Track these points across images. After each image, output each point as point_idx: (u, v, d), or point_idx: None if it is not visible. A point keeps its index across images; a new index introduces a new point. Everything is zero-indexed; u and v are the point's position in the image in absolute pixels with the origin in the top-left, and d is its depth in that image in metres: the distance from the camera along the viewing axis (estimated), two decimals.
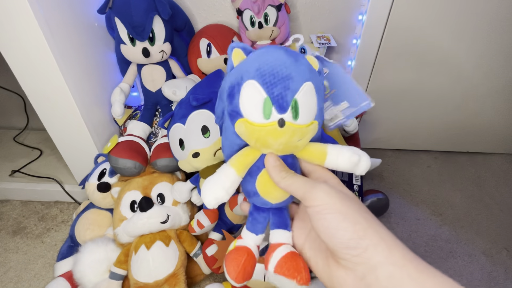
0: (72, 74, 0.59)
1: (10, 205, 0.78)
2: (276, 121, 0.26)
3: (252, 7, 0.67)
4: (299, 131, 0.27)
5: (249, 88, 0.26)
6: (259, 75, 0.26)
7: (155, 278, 0.52)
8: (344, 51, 0.82)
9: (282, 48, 0.28)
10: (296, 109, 0.26)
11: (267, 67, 0.26)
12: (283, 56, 0.27)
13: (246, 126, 0.27)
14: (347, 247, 0.22)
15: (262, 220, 0.32)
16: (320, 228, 0.24)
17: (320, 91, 0.28)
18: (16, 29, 0.51)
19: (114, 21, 0.61)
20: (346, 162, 0.28)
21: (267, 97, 0.26)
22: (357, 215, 0.23)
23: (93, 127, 0.66)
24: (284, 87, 0.26)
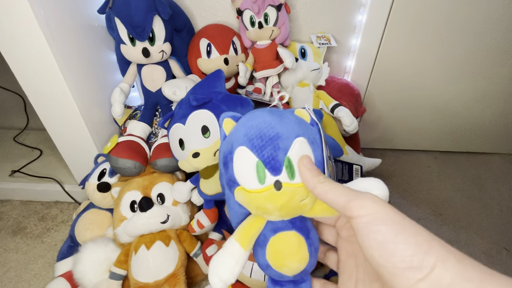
0: (72, 74, 0.59)
1: (10, 205, 0.78)
2: (272, 185, 0.25)
3: (252, 7, 0.67)
4: (299, 190, 0.25)
5: (240, 154, 0.26)
6: (247, 140, 0.26)
7: (155, 278, 0.52)
8: (344, 51, 0.82)
9: (266, 110, 0.27)
10: (291, 168, 0.25)
11: (254, 131, 0.26)
12: (267, 117, 0.26)
13: (244, 194, 0.26)
14: (410, 267, 0.17)
15: None
16: (373, 244, 0.19)
17: (316, 143, 0.27)
18: (16, 29, 0.51)
19: (114, 21, 0.61)
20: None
21: (258, 161, 0.25)
22: (416, 226, 0.19)
23: (93, 127, 0.66)
24: (274, 148, 0.25)
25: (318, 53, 0.78)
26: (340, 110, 0.69)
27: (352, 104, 0.77)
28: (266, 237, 0.28)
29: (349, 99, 0.76)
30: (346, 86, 0.79)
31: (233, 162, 0.27)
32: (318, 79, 0.78)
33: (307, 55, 0.76)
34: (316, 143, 0.27)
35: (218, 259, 0.27)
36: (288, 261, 0.27)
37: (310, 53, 0.76)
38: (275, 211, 0.26)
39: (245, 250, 0.27)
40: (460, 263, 0.17)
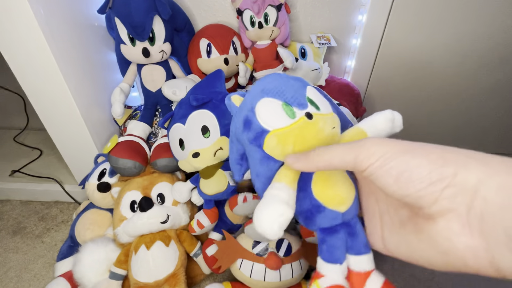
0: (72, 74, 0.59)
1: (10, 205, 0.78)
2: (304, 115, 0.26)
3: (252, 7, 0.67)
4: (328, 119, 0.27)
5: (264, 104, 0.27)
6: (266, 92, 0.28)
7: (155, 278, 0.52)
8: (344, 51, 0.82)
9: (272, 73, 0.30)
10: (314, 103, 0.27)
11: (270, 85, 0.28)
12: (277, 76, 0.29)
13: (277, 135, 0.25)
14: (431, 183, 0.17)
15: (339, 243, 0.25)
16: (389, 181, 0.18)
17: (324, 94, 0.30)
18: (16, 29, 0.51)
19: (114, 21, 0.61)
20: (384, 123, 0.27)
21: (283, 103, 0.27)
22: (426, 146, 0.18)
23: (93, 127, 0.66)
24: (294, 91, 0.27)
25: (318, 53, 0.78)
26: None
27: (352, 104, 0.77)
28: (307, 178, 0.25)
29: (349, 99, 0.76)
30: (346, 86, 0.79)
31: (257, 115, 0.27)
32: (318, 79, 0.78)
33: (307, 55, 0.76)
34: (324, 93, 0.30)
35: (266, 199, 0.23)
36: (339, 189, 0.25)
37: (310, 53, 0.76)
38: (313, 140, 0.25)
39: (294, 190, 0.24)
40: (482, 162, 0.16)
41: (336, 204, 0.24)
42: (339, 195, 0.25)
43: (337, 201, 0.25)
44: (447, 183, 0.16)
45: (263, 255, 0.53)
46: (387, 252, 0.23)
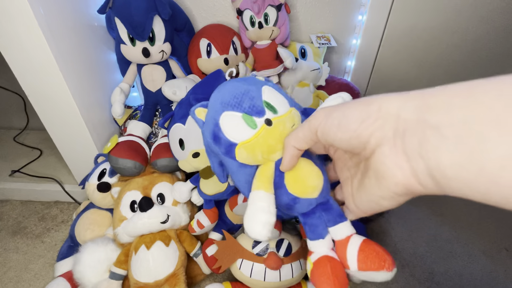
0: (72, 74, 0.59)
1: (10, 205, 0.78)
2: (264, 124, 0.28)
3: (252, 7, 0.67)
4: (287, 118, 0.29)
5: (226, 119, 0.29)
6: (225, 105, 0.29)
7: (155, 278, 0.52)
8: (344, 51, 0.82)
9: (226, 82, 0.31)
10: (271, 106, 0.29)
11: (226, 96, 0.29)
12: (232, 83, 0.30)
13: (245, 147, 0.29)
14: (362, 121, 0.20)
15: (318, 222, 0.30)
16: (334, 130, 0.22)
17: (279, 89, 0.32)
18: (16, 29, 0.51)
19: (114, 21, 0.61)
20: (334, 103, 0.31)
21: (242, 114, 0.28)
22: (359, 100, 0.21)
23: (93, 127, 0.66)
24: (249, 99, 0.29)
25: (318, 53, 0.78)
26: None
27: None
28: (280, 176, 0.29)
29: None
30: (346, 86, 0.79)
31: (222, 130, 0.29)
32: (318, 79, 0.78)
33: (307, 55, 0.76)
34: (279, 89, 0.32)
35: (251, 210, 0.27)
36: (308, 181, 0.28)
37: (310, 53, 0.76)
38: (278, 144, 0.28)
39: (270, 193, 0.28)
40: (401, 95, 0.19)
41: (308, 194, 0.29)
42: (309, 186, 0.28)
43: (309, 191, 0.28)
44: (375, 117, 0.19)
45: (263, 255, 0.53)
46: (358, 211, 0.26)
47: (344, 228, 0.29)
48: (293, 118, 0.29)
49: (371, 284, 0.63)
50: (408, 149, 0.18)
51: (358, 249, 0.27)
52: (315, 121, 0.23)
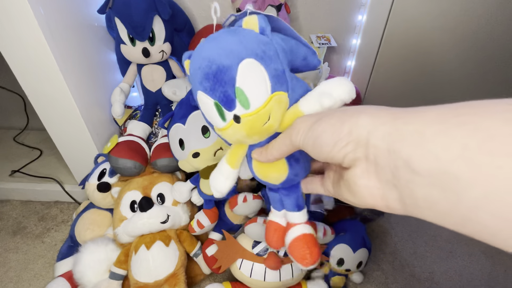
0: (72, 74, 0.59)
1: (10, 205, 0.78)
2: (232, 119, 0.26)
3: (252, 7, 0.67)
4: (258, 117, 0.25)
5: (201, 100, 0.27)
6: (198, 84, 0.26)
7: (155, 278, 0.52)
8: (344, 51, 0.82)
9: (210, 38, 0.28)
10: (243, 97, 0.25)
11: (200, 73, 0.26)
12: (207, 51, 0.26)
13: (220, 133, 0.28)
14: (334, 144, 0.20)
15: (276, 199, 0.33)
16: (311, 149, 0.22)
17: (268, 55, 0.25)
18: (16, 29, 0.51)
19: (114, 21, 0.61)
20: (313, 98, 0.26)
21: (215, 101, 0.26)
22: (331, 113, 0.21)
23: (93, 127, 0.66)
24: (221, 84, 0.25)
25: (318, 53, 0.78)
26: None
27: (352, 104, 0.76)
28: (250, 156, 0.31)
29: None
30: None
31: (200, 108, 0.28)
32: (318, 79, 0.78)
33: None
34: (268, 56, 0.25)
35: (213, 176, 0.33)
36: (268, 172, 0.30)
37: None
38: (246, 139, 0.27)
39: (233, 168, 0.32)
40: (371, 115, 0.18)
41: (271, 181, 0.31)
42: (271, 177, 0.30)
43: (271, 179, 0.31)
44: (346, 141, 0.19)
45: (263, 255, 0.53)
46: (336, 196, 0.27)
47: (295, 216, 0.33)
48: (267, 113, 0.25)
49: (370, 284, 0.63)
50: (381, 177, 0.18)
51: (294, 237, 0.32)
52: (295, 137, 0.23)
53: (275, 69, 0.25)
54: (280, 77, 0.26)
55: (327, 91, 0.26)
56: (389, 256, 0.68)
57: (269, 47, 0.26)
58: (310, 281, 0.58)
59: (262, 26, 0.26)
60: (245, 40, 0.25)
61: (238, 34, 0.26)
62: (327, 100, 0.26)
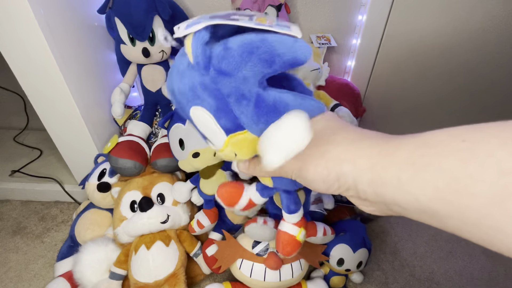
0: (72, 74, 0.59)
1: (10, 205, 0.78)
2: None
3: (252, 7, 0.67)
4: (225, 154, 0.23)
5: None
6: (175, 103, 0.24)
7: (155, 278, 0.52)
8: (344, 51, 0.82)
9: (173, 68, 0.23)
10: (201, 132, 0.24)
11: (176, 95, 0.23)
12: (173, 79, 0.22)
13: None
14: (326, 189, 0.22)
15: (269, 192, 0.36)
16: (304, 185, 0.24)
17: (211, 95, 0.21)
18: (16, 29, 0.51)
19: (114, 21, 0.61)
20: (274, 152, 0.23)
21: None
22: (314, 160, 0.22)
23: (93, 127, 0.66)
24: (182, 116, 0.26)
25: (318, 53, 0.78)
26: (340, 110, 0.69)
27: (352, 104, 0.77)
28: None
29: (349, 99, 0.76)
30: (346, 86, 0.79)
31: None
32: (318, 79, 0.78)
33: None
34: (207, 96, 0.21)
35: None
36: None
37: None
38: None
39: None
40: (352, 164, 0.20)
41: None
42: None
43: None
44: (337, 185, 0.21)
45: (263, 255, 0.53)
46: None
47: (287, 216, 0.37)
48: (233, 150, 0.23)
49: (370, 284, 0.63)
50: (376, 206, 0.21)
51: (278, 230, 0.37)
52: (285, 175, 0.24)
53: (221, 110, 0.21)
54: (230, 117, 0.21)
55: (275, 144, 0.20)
56: (389, 256, 0.68)
57: (210, 86, 0.20)
58: (310, 281, 0.58)
59: (196, 58, 0.20)
60: (185, 81, 0.21)
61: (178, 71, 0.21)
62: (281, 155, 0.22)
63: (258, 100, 0.20)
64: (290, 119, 0.20)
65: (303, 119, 0.19)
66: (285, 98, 0.21)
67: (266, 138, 0.20)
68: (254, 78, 0.20)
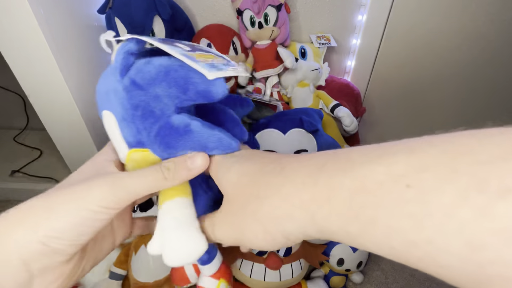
0: (72, 74, 0.59)
1: (10, 205, 0.78)
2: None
3: (252, 7, 0.67)
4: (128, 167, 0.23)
5: None
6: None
7: (155, 278, 0.52)
8: (344, 51, 0.82)
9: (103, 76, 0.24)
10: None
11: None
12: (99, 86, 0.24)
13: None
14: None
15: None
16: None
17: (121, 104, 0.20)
18: (16, 29, 0.51)
19: (114, 21, 0.61)
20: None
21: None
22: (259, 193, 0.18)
23: (93, 127, 0.66)
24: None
25: (318, 53, 0.78)
26: (340, 110, 0.69)
27: (352, 104, 0.77)
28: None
29: (349, 99, 0.76)
30: (346, 86, 0.79)
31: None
32: (318, 79, 0.78)
33: (307, 55, 0.76)
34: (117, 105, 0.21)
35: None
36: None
37: (310, 53, 0.76)
38: None
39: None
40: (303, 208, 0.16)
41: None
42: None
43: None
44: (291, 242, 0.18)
45: (263, 255, 0.53)
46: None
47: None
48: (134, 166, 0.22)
49: (370, 284, 0.63)
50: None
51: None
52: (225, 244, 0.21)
53: (126, 120, 0.21)
54: (132, 130, 0.21)
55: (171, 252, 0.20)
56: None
57: (121, 93, 0.20)
58: (310, 281, 0.58)
59: (116, 63, 0.21)
60: (104, 83, 0.21)
61: (104, 73, 0.22)
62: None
63: (165, 121, 0.20)
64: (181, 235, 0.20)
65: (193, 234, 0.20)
66: (193, 126, 0.20)
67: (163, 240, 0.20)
68: (169, 100, 0.20)
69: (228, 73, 0.20)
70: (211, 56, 0.23)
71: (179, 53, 0.19)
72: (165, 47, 0.20)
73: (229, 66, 0.22)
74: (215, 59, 0.22)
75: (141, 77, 0.19)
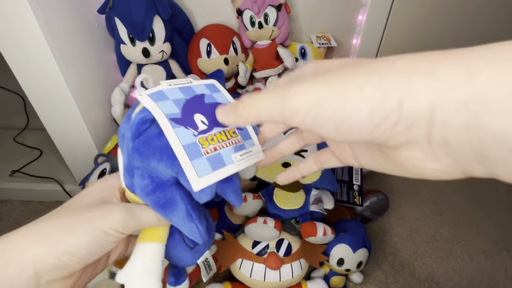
0: (72, 74, 0.59)
1: (10, 205, 0.78)
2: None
3: (252, 7, 0.67)
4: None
5: None
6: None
7: None
8: (344, 51, 0.82)
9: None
10: None
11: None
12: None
13: None
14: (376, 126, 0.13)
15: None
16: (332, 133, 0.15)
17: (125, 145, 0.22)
18: (16, 29, 0.51)
19: (114, 21, 0.61)
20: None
21: None
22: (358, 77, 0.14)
23: (93, 127, 0.66)
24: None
25: (318, 53, 0.78)
26: None
27: None
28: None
29: None
30: None
31: None
32: None
33: (307, 55, 0.76)
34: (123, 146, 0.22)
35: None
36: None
37: (310, 53, 0.76)
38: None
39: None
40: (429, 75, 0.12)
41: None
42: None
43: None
44: (394, 119, 0.13)
45: (263, 255, 0.53)
46: (362, 166, 0.21)
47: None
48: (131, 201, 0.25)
49: (370, 284, 0.63)
50: (458, 158, 0.13)
51: None
52: (292, 115, 0.15)
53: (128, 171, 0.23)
54: (131, 180, 0.23)
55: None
56: (389, 256, 0.68)
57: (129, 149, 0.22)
58: (310, 281, 0.58)
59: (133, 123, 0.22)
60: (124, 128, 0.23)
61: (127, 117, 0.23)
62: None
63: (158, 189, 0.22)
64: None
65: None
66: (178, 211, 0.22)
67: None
68: (167, 173, 0.21)
69: (225, 173, 0.21)
70: (229, 134, 0.23)
71: (181, 145, 0.20)
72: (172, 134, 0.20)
73: (241, 150, 0.23)
74: (231, 139, 0.22)
75: (146, 149, 0.21)
